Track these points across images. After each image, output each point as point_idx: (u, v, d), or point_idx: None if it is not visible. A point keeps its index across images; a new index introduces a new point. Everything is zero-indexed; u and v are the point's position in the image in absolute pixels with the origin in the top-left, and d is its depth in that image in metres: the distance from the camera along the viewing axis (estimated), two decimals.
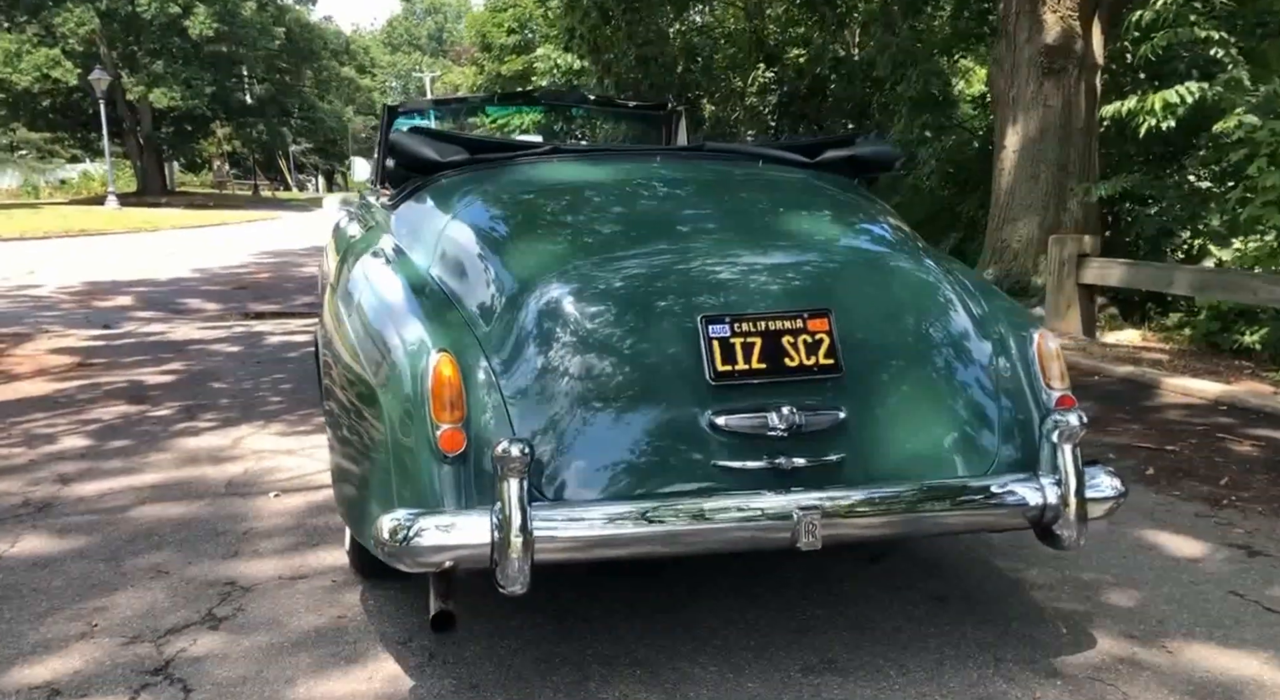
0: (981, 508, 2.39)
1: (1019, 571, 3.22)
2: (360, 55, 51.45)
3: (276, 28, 37.79)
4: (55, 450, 4.75)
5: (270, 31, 37.20)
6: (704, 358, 2.35)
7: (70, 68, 35.47)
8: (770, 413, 2.32)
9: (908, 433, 2.47)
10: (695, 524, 2.21)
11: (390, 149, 3.19)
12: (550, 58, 21.27)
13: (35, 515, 3.81)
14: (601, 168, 3.23)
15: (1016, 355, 2.62)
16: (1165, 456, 4.61)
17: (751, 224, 2.84)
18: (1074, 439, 2.37)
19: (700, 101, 20.10)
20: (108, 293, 11.60)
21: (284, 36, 38.19)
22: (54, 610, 2.96)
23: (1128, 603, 2.99)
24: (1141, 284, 7.64)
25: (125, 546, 3.47)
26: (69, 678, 2.55)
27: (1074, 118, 9.77)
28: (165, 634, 2.79)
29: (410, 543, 2.14)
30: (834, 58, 16.22)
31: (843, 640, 2.72)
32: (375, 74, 64.36)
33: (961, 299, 2.68)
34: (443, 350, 2.31)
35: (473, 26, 27.36)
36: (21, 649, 2.72)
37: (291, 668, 2.60)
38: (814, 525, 2.22)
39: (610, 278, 2.48)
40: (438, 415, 2.24)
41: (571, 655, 2.64)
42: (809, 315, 2.43)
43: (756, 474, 2.32)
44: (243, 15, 36.10)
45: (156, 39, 36.28)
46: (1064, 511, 2.36)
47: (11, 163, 53.25)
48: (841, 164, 3.40)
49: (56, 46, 36.19)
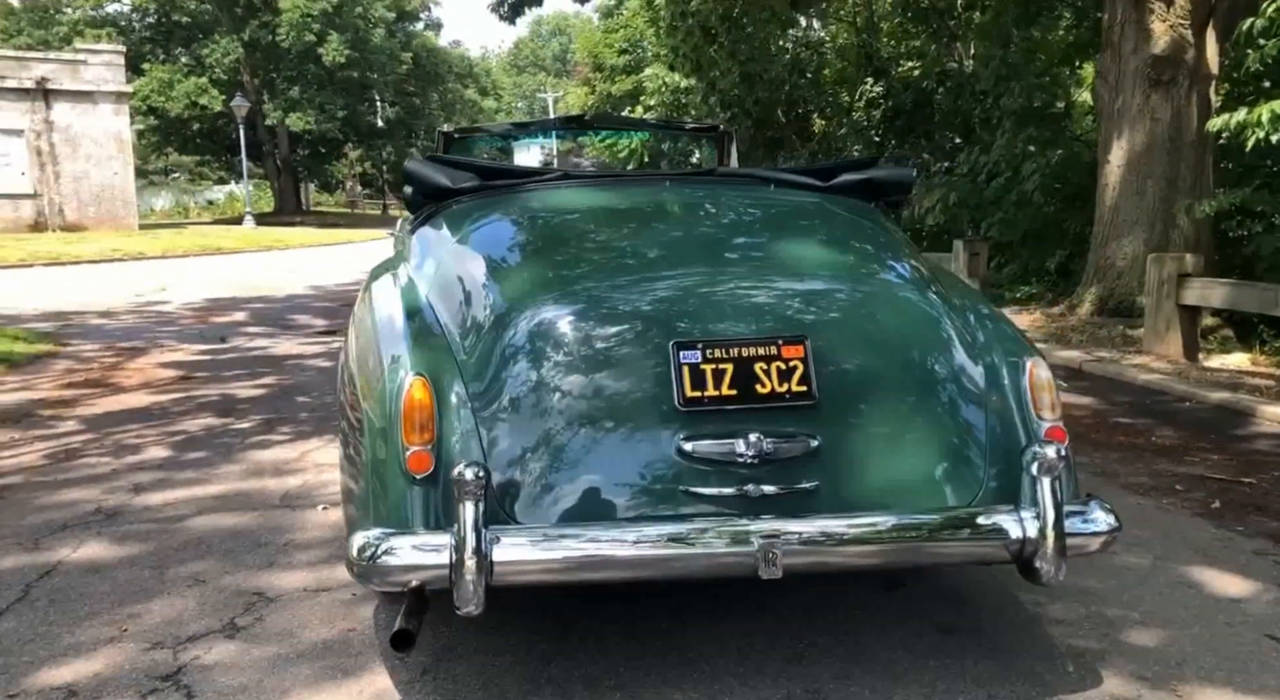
0: (957, 540, 2.33)
1: (1040, 605, 3.11)
2: (483, 78, 52.87)
3: (404, 53, 39.18)
4: (137, 460, 5.03)
5: (398, 57, 38.61)
6: (674, 384, 2.36)
7: (216, 95, 37.55)
8: (738, 440, 2.32)
9: (887, 462, 2.43)
10: (654, 550, 2.22)
11: (406, 176, 3.31)
12: (659, 77, 21.52)
13: (103, 523, 4.05)
14: (606, 194, 3.27)
15: (1008, 384, 2.55)
16: (1238, 489, 4.38)
17: (742, 250, 2.85)
18: (1053, 471, 2.29)
19: (811, 117, 20.01)
20: (226, 309, 12.21)
21: (411, 61, 39.59)
22: (93, 615, 3.14)
23: (1149, 642, 2.85)
24: (1246, 305, 7.26)
25: (173, 555, 3.65)
26: (87, 680, 2.70)
27: (1184, 131, 9.37)
28: (185, 641, 2.94)
29: (377, 561, 2.21)
30: (940, 71, 15.92)
31: (834, 671, 2.67)
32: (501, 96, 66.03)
33: (954, 325, 2.63)
34: (418, 374, 2.38)
35: (585, 47, 27.85)
36: (54, 651, 2.89)
37: (291, 678, 2.70)
38: (775, 554, 2.21)
39: (589, 305, 2.52)
40: (407, 437, 2.31)
41: (558, 676, 2.67)
42: (784, 342, 2.41)
43: (725, 501, 2.32)
44: (373, 42, 37.56)
45: (293, 66, 38.05)
46: (1042, 546, 2.29)
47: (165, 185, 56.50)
48: (857, 188, 3.36)
49: (204, 75, 38.33)
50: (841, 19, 19.33)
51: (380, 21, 38.06)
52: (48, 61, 32.04)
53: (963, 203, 12.37)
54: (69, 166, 31.56)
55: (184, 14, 39.96)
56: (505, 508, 2.31)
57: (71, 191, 31.63)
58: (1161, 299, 7.60)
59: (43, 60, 32.10)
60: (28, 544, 3.80)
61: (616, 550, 2.22)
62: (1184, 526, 3.89)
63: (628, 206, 3.14)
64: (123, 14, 42.50)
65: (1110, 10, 9.80)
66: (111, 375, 7.69)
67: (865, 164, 3.48)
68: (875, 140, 16.63)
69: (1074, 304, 9.85)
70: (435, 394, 2.37)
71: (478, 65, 53.98)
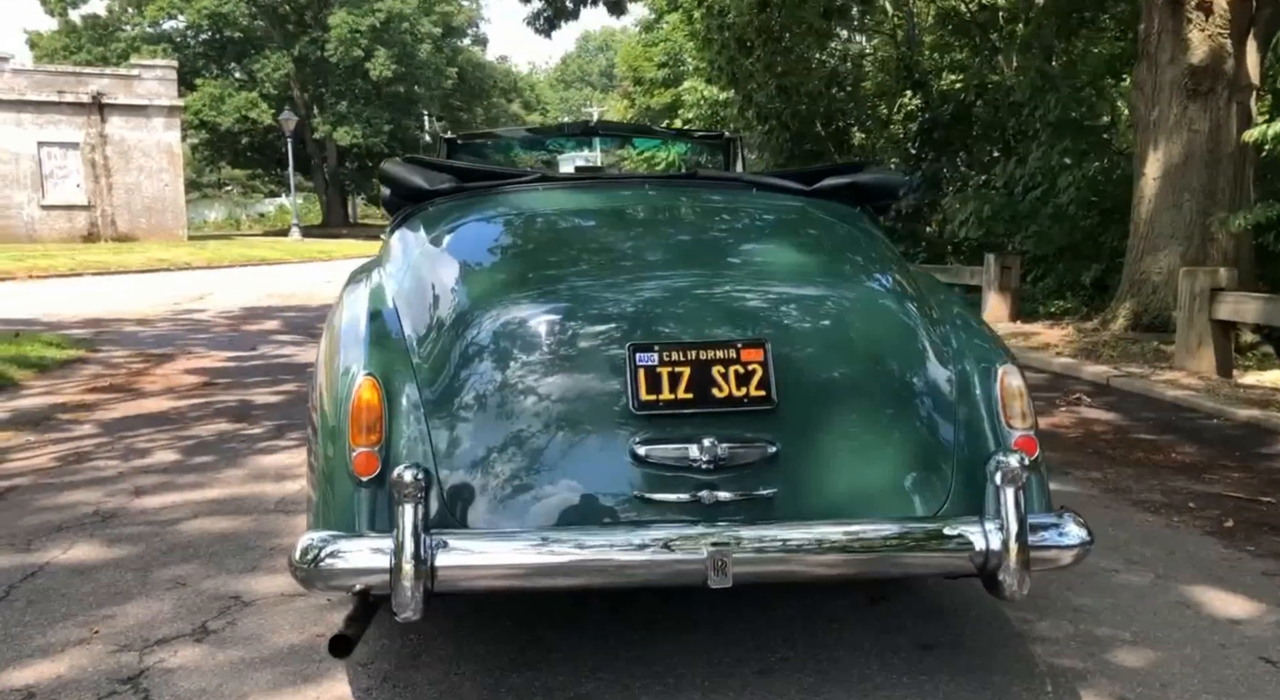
0: (919, 551, 2.24)
1: (1028, 622, 3.00)
2: (526, 92, 53.29)
3: (449, 68, 39.59)
4: (144, 464, 5.07)
5: (444, 72, 39.06)
6: (629, 387, 2.31)
7: (266, 109, 38.22)
8: (693, 445, 2.26)
9: (849, 470, 2.36)
10: (600, 556, 2.16)
11: (382, 178, 3.29)
12: (697, 90, 21.51)
13: (97, 525, 4.07)
14: (582, 196, 3.23)
15: (979, 392, 2.47)
16: (1255, 508, 4.22)
17: (710, 253, 2.79)
18: (1016, 482, 2.21)
19: (850, 130, 19.86)
20: (259, 317, 12.35)
21: (456, 76, 39.99)
22: (69, 616, 3.14)
23: (1136, 663, 2.74)
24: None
25: (159, 558, 3.65)
26: (48, 682, 2.69)
27: (1223, 143, 9.14)
28: (154, 644, 2.92)
29: (319, 565, 2.17)
30: (979, 82, 15.73)
31: (802, 685, 2.59)
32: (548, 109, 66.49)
33: (926, 332, 2.55)
34: (369, 375, 2.35)
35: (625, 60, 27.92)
36: (22, 652, 2.89)
37: (250, 684, 2.67)
38: (724, 563, 2.14)
39: (547, 308, 2.48)
40: (354, 438, 2.28)
41: (519, 685, 2.61)
42: (744, 345, 2.35)
43: (679, 507, 2.25)
44: (419, 57, 37.99)
45: (342, 81, 38.65)
46: (1005, 559, 2.20)
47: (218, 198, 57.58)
48: (842, 192, 3.28)
49: (255, 90, 39.02)
50: (882, 31, 19.20)
51: (427, 37, 38.53)
52: (103, 76, 32.85)
53: (997, 215, 12.17)
54: (121, 178, 32.27)
55: (236, 29, 40.74)
56: (455, 512, 2.27)
57: (123, 203, 32.32)
58: (1194, 313, 7.40)
59: (98, 75, 32.92)
60: (20, 545, 3.82)
61: (561, 557, 2.16)
62: (1192, 545, 3.75)
63: (600, 209, 3.10)
64: (178, 30, 43.44)
65: (1147, 21, 9.61)
66: (136, 381, 7.78)
67: (851, 168, 3.40)
68: (911, 153, 16.45)
69: (1108, 319, 9.64)
70: (387, 396, 2.33)
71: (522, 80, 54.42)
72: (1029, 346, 9.11)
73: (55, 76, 32.38)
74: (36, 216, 31.57)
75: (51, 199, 31.73)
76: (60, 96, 31.44)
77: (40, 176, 31.59)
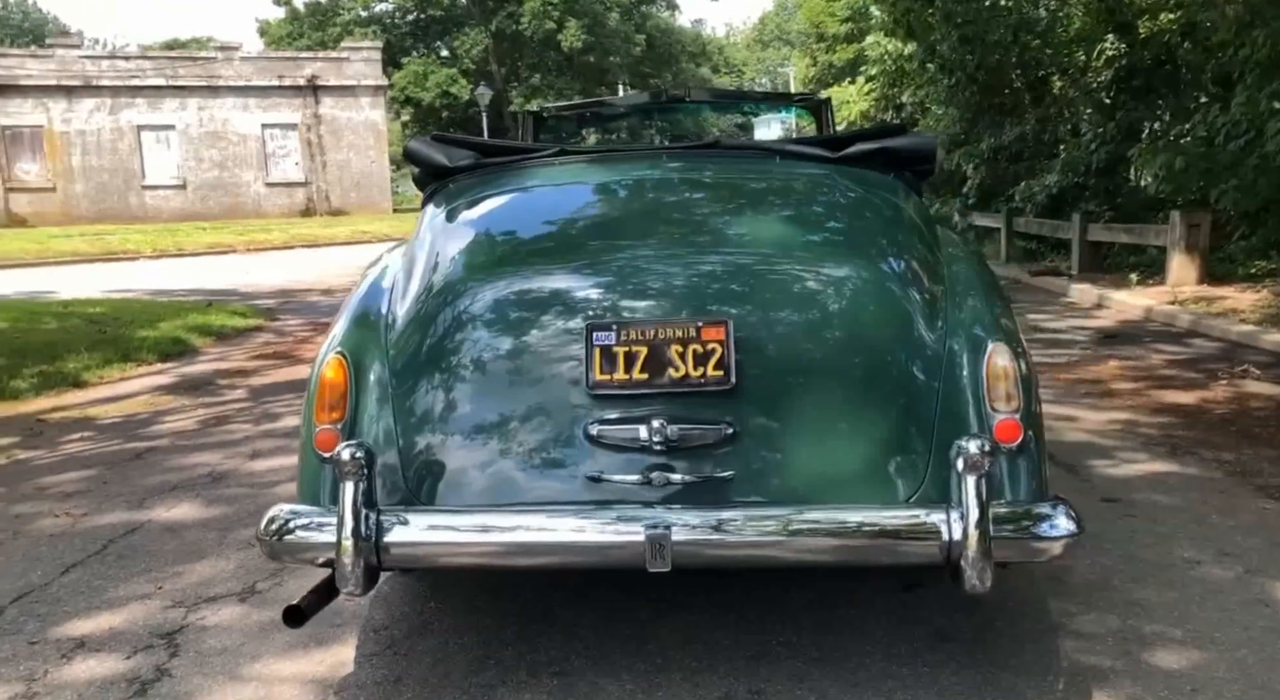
0: (880, 539, 2.10)
1: (1071, 615, 2.78)
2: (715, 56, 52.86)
3: (638, 35, 39.80)
4: (270, 428, 5.40)
5: (632, 39, 39.28)
6: (584, 367, 2.27)
7: (464, 84, 39.68)
8: (642, 426, 2.20)
9: (815, 453, 2.23)
10: (539, 538, 2.14)
11: (407, 155, 3.33)
12: (880, 44, 20.73)
13: (206, 485, 4.37)
14: (592, 170, 3.16)
15: (965, 373, 2.28)
16: None
17: (696, 229, 2.69)
18: (977, 469, 2.03)
19: (1049, 79, 18.69)
20: None
21: (645, 43, 40.15)
22: (144, 572, 3.39)
23: (1175, 664, 2.49)
24: None
25: (245, 519, 3.88)
26: (100, 634, 2.91)
27: None
28: (202, 602, 3.12)
29: (282, 538, 2.25)
30: (1189, 22, 14.41)
31: (791, 671, 2.50)
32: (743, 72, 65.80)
33: (918, 309, 2.38)
34: (338, 353, 2.41)
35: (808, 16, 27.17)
36: (92, 603, 3.14)
37: (268, 644, 2.81)
38: (663, 546, 2.08)
39: (514, 288, 2.47)
40: (317, 415, 2.34)
41: (508, 659, 2.64)
42: (705, 324, 2.26)
43: (630, 489, 2.20)
44: (608, 25, 38.38)
45: (535, 54, 39.57)
46: (964, 549, 2.03)
47: None
48: (874, 158, 3.06)
49: (455, 66, 40.54)
50: None
51: (616, 5, 38.86)
52: (316, 60, 34.94)
53: (1190, 168, 11.16)
54: (333, 156, 34.32)
55: (439, 8, 42.39)
56: (417, 490, 2.30)
57: (335, 179, 34.39)
58: None
59: (312, 59, 35.06)
60: (134, 503, 4.16)
61: (501, 537, 2.16)
62: None
63: (605, 184, 3.04)
64: (387, 12, 45.65)
65: None
66: (298, 348, 8.29)
67: (882, 133, 3.18)
68: (1105, 102, 15.31)
69: None
70: (355, 373, 2.38)
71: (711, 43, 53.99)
72: (1209, 312, 8.36)
73: (275, 62, 34.73)
74: (262, 193, 34.09)
75: (274, 177, 34.16)
76: (280, 81, 33.69)
77: (264, 156, 34.06)
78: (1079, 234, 12.56)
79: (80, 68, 32.46)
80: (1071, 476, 4.06)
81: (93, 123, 32.46)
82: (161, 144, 33.38)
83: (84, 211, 31.99)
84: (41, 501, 4.24)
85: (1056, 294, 11.22)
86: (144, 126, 33.00)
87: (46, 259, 19.60)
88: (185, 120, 33.24)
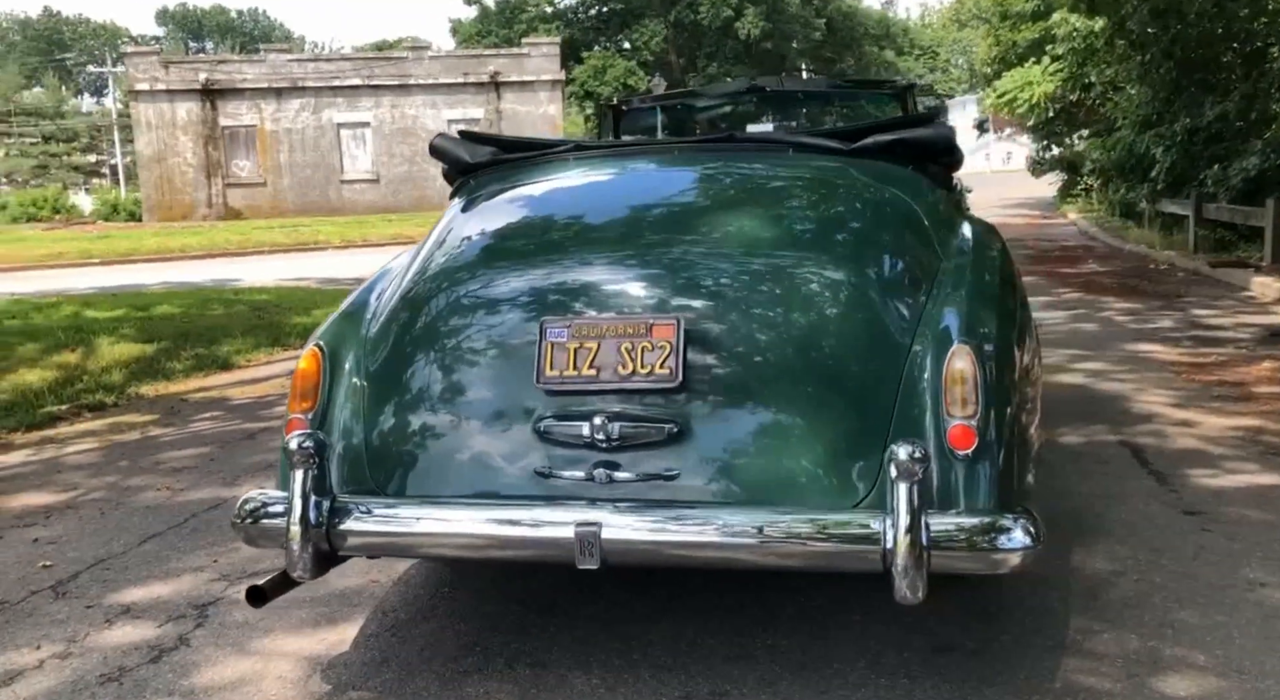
0: (818, 542, 2.02)
1: (1088, 633, 2.59)
2: (900, 38, 51.37)
3: (818, 19, 39.17)
4: None
5: (812, 24, 38.67)
6: (535, 363, 2.27)
7: (642, 76, 40.10)
8: (585, 422, 2.18)
9: (761, 455, 2.16)
10: (472, 530, 2.17)
11: (432, 152, 3.39)
12: (1068, 22, 19.65)
13: None
14: (602, 166, 3.13)
15: (926, 377, 2.16)
16: None
17: (675, 227, 2.65)
18: (910, 475, 1.91)
19: (1269, 51, 17.23)
20: None
21: (825, 27, 39.47)
22: (208, 546, 3.61)
23: (1185, 691, 2.28)
24: None
25: None
26: (148, 602, 3.13)
27: None
28: (245, 577, 3.28)
29: (253, 522, 2.36)
30: None
31: (762, 675, 2.44)
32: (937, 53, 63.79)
33: (889, 311, 2.27)
34: (316, 345, 2.50)
35: None
36: (154, 572, 3.38)
37: (286, 620, 2.94)
38: (592, 544, 2.06)
39: (480, 284, 2.51)
40: (290, 404, 2.44)
41: (494, 647, 2.67)
42: (655, 322, 2.22)
43: (571, 484, 2.20)
44: (787, 10, 37.95)
45: (713, 43, 39.56)
46: (894, 557, 1.92)
47: None
48: (889, 150, 2.89)
49: (633, 58, 41.05)
50: None
51: None
52: (499, 57, 36.08)
53: None
54: None
55: (620, 1, 43.01)
56: (376, 479, 2.37)
57: None
58: None
59: (494, 56, 36.22)
60: (228, 479, 4.43)
61: (444, 528, 2.19)
62: None
63: (607, 181, 3.04)
64: (570, 8, 46.67)
65: None
66: None
67: (900, 124, 3.00)
68: None
69: None
70: (330, 365, 2.47)
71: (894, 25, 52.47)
72: None
73: (461, 60, 36.08)
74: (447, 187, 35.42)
75: None
76: (465, 78, 34.98)
77: None
78: (1273, 221, 11.53)
79: (288, 70, 34.69)
80: (1160, 486, 3.75)
81: (298, 122, 34.64)
82: (358, 140, 35.27)
83: (290, 205, 34.21)
84: (154, 476, 4.58)
85: (1236, 287, 10.37)
86: (343, 124, 34.96)
87: (246, 249, 21.06)
88: (379, 117, 35.00)
